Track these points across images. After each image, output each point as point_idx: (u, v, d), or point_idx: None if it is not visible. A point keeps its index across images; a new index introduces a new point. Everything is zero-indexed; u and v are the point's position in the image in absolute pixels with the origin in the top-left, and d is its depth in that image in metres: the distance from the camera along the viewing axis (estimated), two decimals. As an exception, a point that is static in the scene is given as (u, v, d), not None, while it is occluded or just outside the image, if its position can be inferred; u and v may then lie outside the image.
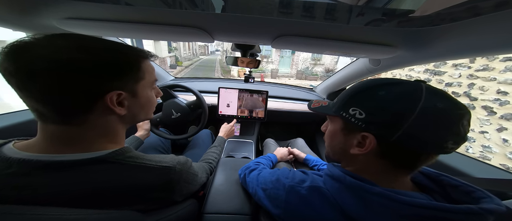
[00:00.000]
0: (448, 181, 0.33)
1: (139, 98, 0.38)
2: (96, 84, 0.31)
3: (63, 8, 0.47)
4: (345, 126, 0.36)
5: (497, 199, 0.28)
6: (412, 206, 0.27)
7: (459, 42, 0.47)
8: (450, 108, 0.27)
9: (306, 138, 1.21)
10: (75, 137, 0.32)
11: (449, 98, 0.28)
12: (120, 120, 0.37)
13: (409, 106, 0.27)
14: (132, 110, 0.37)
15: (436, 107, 0.27)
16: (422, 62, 0.69)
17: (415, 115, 0.27)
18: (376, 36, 0.51)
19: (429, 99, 0.27)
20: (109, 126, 0.36)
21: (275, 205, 0.41)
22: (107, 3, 0.43)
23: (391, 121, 0.28)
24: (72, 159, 0.30)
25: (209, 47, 34.48)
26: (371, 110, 0.31)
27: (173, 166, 0.38)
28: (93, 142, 0.34)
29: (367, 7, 0.35)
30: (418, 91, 0.28)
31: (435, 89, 0.29)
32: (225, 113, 1.25)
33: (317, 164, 0.79)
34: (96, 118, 0.33)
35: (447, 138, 0.27)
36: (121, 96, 0.34)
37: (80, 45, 0.30)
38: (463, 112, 0.27)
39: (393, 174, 0.33)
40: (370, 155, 0.33)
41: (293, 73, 12.12)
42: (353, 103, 0.33)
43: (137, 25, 0.52)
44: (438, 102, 0.27)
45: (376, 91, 0.31)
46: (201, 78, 1.72)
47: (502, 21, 0.34)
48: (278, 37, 0.55)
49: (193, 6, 0.43)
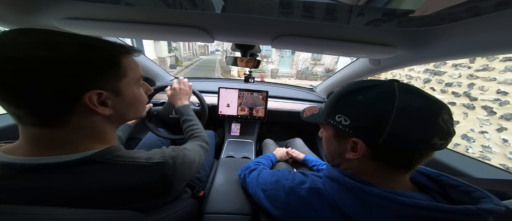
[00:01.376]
0: (447, 181, 0.33)
1: (124, 97, 0.36)
2: (69, 84, 0.28)
3: (63, 8, 0.47)
4: (336, 133, 0.36)
5: (496, 199, 0.28)
6: (412, 207, 0.27)
7: (459, 42, 0.47)
8: (425, 105, 0.27)
9: (305, 138, 1.21)
10: (59, 140, 0.31)
11: (424, 95, 0.28)
12: (106, 120, 0.35)
13: (386, 108, 0.28)
14: (118, 110, 0.36)
15: (411, 106, 0.27)
16: (422, 62, 0.69)
17: (393, 117, 0.27)
18: (376, 36, 0.51)
19: (403, 98, 0.28)
20: (96, 127, 0.34)
21: (275, 206, 0.41)
22: (107, 3, 0.43)
23: (373, 124, 0.29)
24: (57, 161, 0.29)
25: (209, 47, 34.26)
26: (354, 116, 0.31)
27: (165, 161, 0.37)
28: (79, 143, 0.32)
29: (367, 7, 0.35)
30: (392, 91, 0.29)
31: (408, 87, 0.29)
32: (225, 113, 1.25)
33: (316, 164, 0.79)
34: (80, 119, 0.31)
35: (431, 135, 0.27)
36: (102, 95, 0.32)
37: (41, 40, 0.27)
38: (439, 107, 0.27)
39: (390, 174, 0.33)
40: (365, 158, 0.33)
41: (293, 73, 12.11)
42: (337, 110, 0.34)
43: (137, 25, 0.52)
44: (412, 101, 0.27)
45: (354, 97, 0.32)
46: (201, 78, 1.72)
47: (502, 21, 0.34)
48: (278, 37, 0.55)
49: (193, 6, 0.43)
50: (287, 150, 0.90)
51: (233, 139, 1.26)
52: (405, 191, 0.31)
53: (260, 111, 1.25)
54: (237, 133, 1.31)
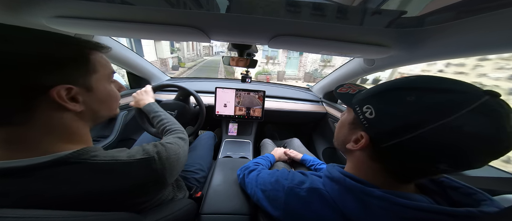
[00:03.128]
0: (448, 183, 0.33)
1: (96, 93, 0.35)
2: (28, 78, 0.27)
3: (53, 6, 0.45)
4: (353, 120, 0.35)
5: (497, 202, 0.28)
6: (413, 209, 0.26)
7: (452, 42, 0.48)
8: (487, 136, 0.21)
9: (303, 138, 1.22)
10: (29, 141, 0.30)
11: (501, 124, 0.21)
12: (78, 118, 0.34)
13: (427, 119, 0.23)
14: (90, 106, 0.35)
15: (462, 130, 0.21)
16: (416, 62, 0.71)
17: (425, 130, 0.23)
18: (370, 37, 0.52)
19: (468, 117, 0.21)
20: (67, 125, 0.33)
21: (275, 207, 0.41)
22: (101, 2, 0.42)
23: (393, 130, 0.26)
24: (29, 164, 0.28)
25: (213, 47, 32.65)
26: (383, 115, 0.28)
27: (150, 157, 0.37)
28: (51, 144, 0.31)
29: (361, 8, 0.36)
30: (463, 104, 0.22)
31: (493, 109, 0.21)
32: (222, 113, 1.25)
33: (313, 164, 0.80)
34: (44, 116, 0.30)
35: (445, 161, 0.24)
36: (72, 90, 0.31)
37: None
38: (500, 145, 0.22)
39: (390, 177, 0.32)
40: (365, 155, 0.33)
41: (301, 76, 11.57)
42: (372, 101, 0.30)
43: (131, 25, 0.51)
44: (476, 126, 0.21)
45: (404, 95, 0.26)
46: (198, 78, 1.71)
47: (496, 20, 0.34)
48: (274, 37, 0.55)
49: (197, 6, 0.42)
50: (285, 150, 0.91)
51: (230, 139, 1.26)
52: (406, 193, 0.31)
53: (257, 111, 1.25)
54: (234, 133, 1.30)
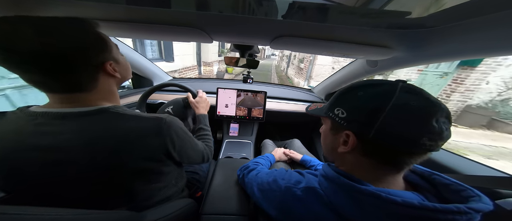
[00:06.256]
0: (439, 180, 0.34)
1: (120, 63, 0.46)
2: (96, 57, 0.39)
3: (56, 7, 0.46)
4: (332, 125, 0.37)
5: (485, 198, 0.28)
6: (404, 206, 0.27)
7: (456, 44, 0.48)
8: (422, 105, 0.28)
9: (303, 139, 1.22)
10: (83, 99, 0.40)
11: (425, 96, 0.29)
12: (117, 83, 0.47)
13: (380, 104, 0.29)
14: (121, 73, 0.46)
15: (407, 105, 0.28)
16: (419, 63, 0.70)
17: (385, 113, 0.28)
18: (373, 38, 0.51)
19: (401, 97, 0.28)
20: (111, 89, 0.45)
21: (272, 206, 0.41)
22: (101, 2, 0.43)
23: (366, 119, 0.30)
24: (84, 110, 0.38)
25: (265, 50, 27.48)
26: (351, 110, 0.33)
27: (163, 117, 0.45)
28: (97, 101, 0.42)
29: (364, 9, 0.36)
30: (392, 90, 0.30)
31: (411, 87, 0.30)
32: (223, 114, 1.25)
33: (313, 164, 0.80)
34: (104, 84, 0.42)
35: (420, 134, 0.27)
36: (112, 64, 0.42)
37: (59, 29, 0.35)
38: (436, 109, 0.27)
39: (381, 173, 0.33)
40: (356, 154, 0.33)
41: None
42: (338, 104, 0.36)
43: (132, 25, 0.51)
44: (410, 100, 0.28)
45: (356, 92, 0.33)
46: (199, 78, 1.72)
47: (501, 22, 0.34)
48: (276, 37, 0.55)
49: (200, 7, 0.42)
50: (285, 150, 0.91)
51: (231, 139, 1.26)
52: (397, 190, 0.31)
53: (258, 111, 1.25)
54: (235, 134, 1.30)
